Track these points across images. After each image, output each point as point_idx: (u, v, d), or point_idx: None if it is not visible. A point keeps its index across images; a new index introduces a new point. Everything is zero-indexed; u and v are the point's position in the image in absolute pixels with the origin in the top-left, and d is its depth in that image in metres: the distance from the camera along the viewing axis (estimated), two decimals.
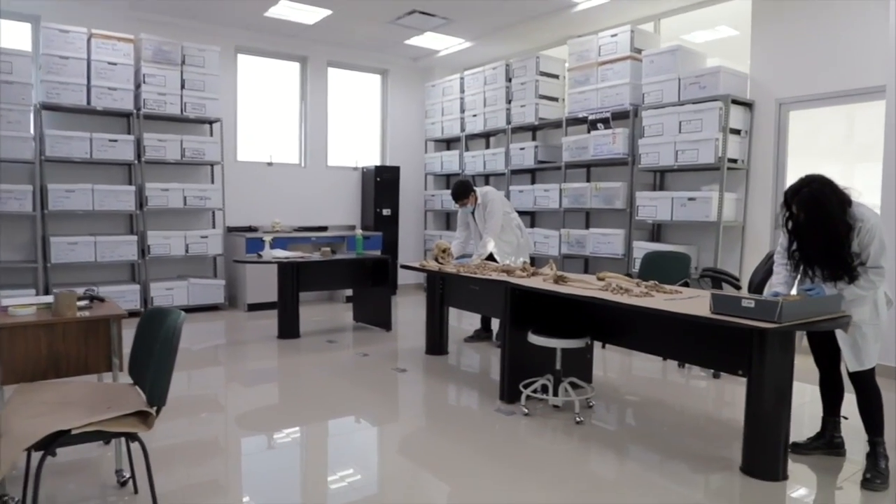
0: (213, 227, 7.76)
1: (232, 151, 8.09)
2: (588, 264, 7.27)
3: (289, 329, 6.07)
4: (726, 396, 4.63)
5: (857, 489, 3.03)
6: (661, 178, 6.72)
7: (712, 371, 5.08)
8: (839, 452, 3.41)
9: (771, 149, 5.93)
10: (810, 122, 5.86)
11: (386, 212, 8.94)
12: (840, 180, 3.08)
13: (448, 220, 9.61)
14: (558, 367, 4.00)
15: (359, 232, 7.07)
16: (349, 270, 6.56)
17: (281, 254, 6.11)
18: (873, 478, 3.03)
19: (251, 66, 8.34)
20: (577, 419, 3.81)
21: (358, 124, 9.35)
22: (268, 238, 6.24)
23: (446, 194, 8.82)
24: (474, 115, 8.53)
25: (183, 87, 7.20)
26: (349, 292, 7.71)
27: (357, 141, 9.33)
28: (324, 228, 8.46)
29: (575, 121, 7.21)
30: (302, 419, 3.94)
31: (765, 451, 3.09)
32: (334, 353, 5.57)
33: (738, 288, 5.02)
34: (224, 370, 5.19)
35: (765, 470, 3.08)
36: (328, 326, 6.76)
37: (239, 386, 4.76)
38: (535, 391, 4.04)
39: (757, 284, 4.74)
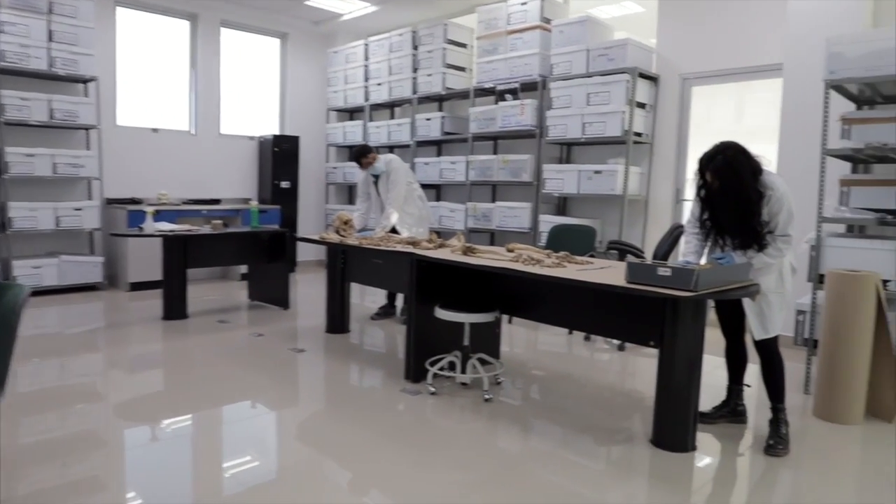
0: (90, 198, 7.00)
1: (111, 115, 7.32)
2: (494, 238, 7.15)
3: (175, 309, 5.54)
4: (630, 368, 4.62)
5: (760, 456, 3.02)
6: (567, 151, 6.66)
7: (617, 344, 5.07)
8: (742, 420, 3.42)
9: (674, 123, 5.98)
10: (711, 98, 5.94)
11: (285, 184, 8.44)
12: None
13: (351, 195, 9.22)
14: (466, 342, 3.80)
15: (254, 204, 6.58)
16: (243, 245, 6.09)
17: (165, 227, 5.55)
18: (776, 444, 3.04)
19: (134, 21, 7.55)
20: (486, 397, 3.63)
21: (254, 91, 8.74)
22: (150, 210, 5.65)
23: (349, 167, 8.44)
24: (379, 84, 8.16)
25: (50, 39, 6.38)
26: (244, 269, 7.21)
27: (253, 109, 8.73)
28: (216, 201, 7.86)
29: (483, 91, 7.02)
30: (191, 406, 3.54)
31: (675, 423, 3.03)
32: (226, 333, 5.13)
33: (640, 257, 5.01)
34: (103, 356, 4.64)
35: (674, 441, 3.02)
36: (220, 306, 6.27)
37: (120, 373, 4.25)
38: (442, 369, 3.83)
39: (661, 257, 4.75)
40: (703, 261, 3.24)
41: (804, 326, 4.07)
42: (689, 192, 6.01)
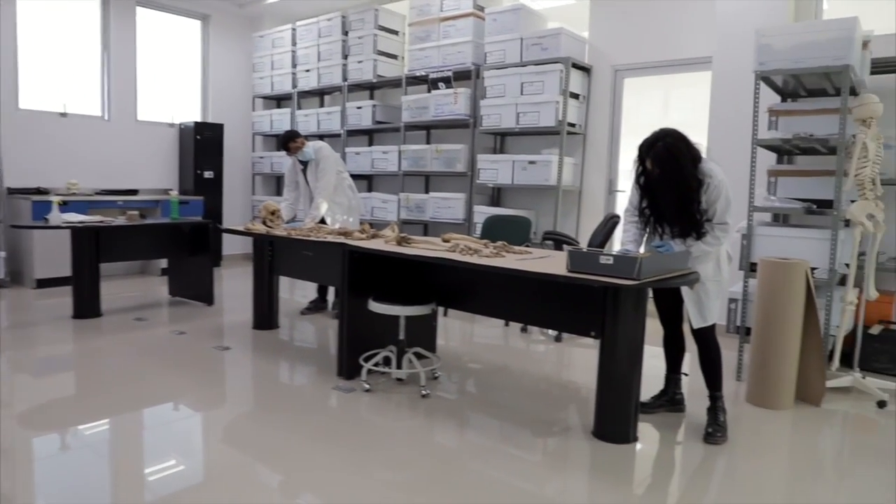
0: None
1: (12, 98, 6.71)
2: (427, 230, 7.00)
3: (87, 307, 5.12)
4: (567, 359, 4.57)
5: (699, 444, 3.00)
6: (501, 142, 6.58)
7: (554, 334, 5.03)
8: (680, 408, 3.40)
9: (607, 114, 5.98)
10: (642, 89, 5.97)
11: (208, 174, 8.01)
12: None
13: (279, 185, 8.83)
14: (402, 336, 3.64)
15: (173, 194, 6.17)
16: (162, 237, 5.70)
17: (74, 218, 5.11)
18: (714, 432, 3.02)
19: None
20: (423, 392, 3.48)
21: (174, 76, 8.24)
22: (56, 199, 5.19)
23: (277, 156, 8.10)
24: (307, 71, 7.84)
25: None
26: (165, 264, 6.78)
27: (174, 94, 8.23)
28: (133, 192, 7.35)
29: (415, 79, 6.83)
30: (107, 411, 3.22)
31: (617, 415, 2.96)
32: (144, 332, 4.77)
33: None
34: (5, 359, 4.20)
35: (616, 433, 2.95)
36: (138, 303, 5.85)
37: (26, 377, 3.84)
38: (376, 364, 3.65)
39: (597, 247, 4.73)
40: (641, 249, 3.19)
41: (736, 314, 4.11)
42: (623, 183, 6.04)
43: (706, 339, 3.14)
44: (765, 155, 4.49)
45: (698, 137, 5.27)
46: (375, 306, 3.52)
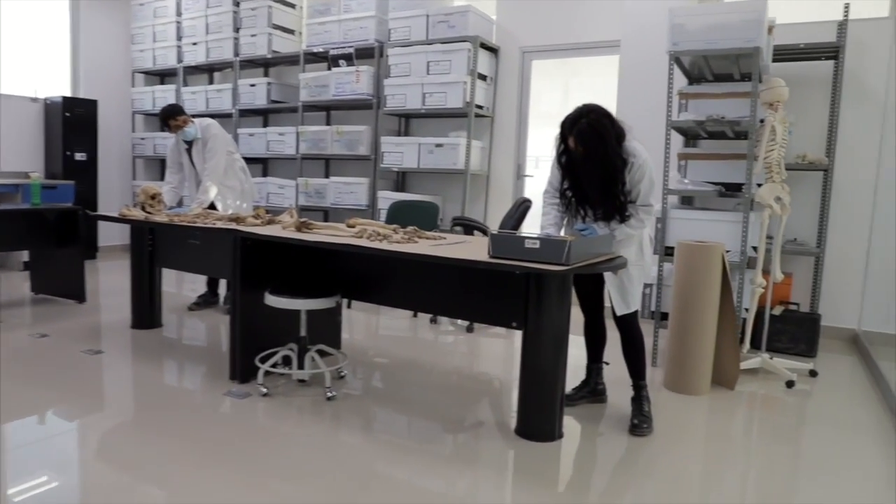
0: None
1: None
2: (328, 217, 6.58)
3: None
4: (481, 350, 4.33)
5: (623, 436, 2.83)
6: (406, 124, 6.25)
7: (465, 325, 4.78)
8: (602, 399, 3.24)
9: (515, 97, 5.79)
10: (551, 72, 5.82)
11: (80, 156, 7.13)
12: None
13: (164, 170, 8.06)
14: (303, 333, 3.24)
15: (35, 177, 5.38)
16: (21, 226, 4.93)
17: None
18: (640, 423, 2.86)
19: None
20: (328, 394, 3.11)
21: (39, 44, 7.25)
22: None
23: (162, 138, 7.35)
24: (194, 44, 7.14)
25: None
26: (27, 256, 5.93)
27: (38, 65, 7.25)
28: None
29: (314, 56, 6.35)
30: None
31: (542, 411, 2.73)
32: None
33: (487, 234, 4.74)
34: None
35: (542, 431, 2.73)
36: None
37: None
38: (275, 365, 3.23)
39: None
40: (562, 233, 2.98)
41: (651, 299, 4.02)
42: (531, 167, 5.88)
43: (629, 326, 2.97)
44: (672, 139, 4.44)
45: None
46: (273, 300, 3.10)
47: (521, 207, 4.62)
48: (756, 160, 3.59)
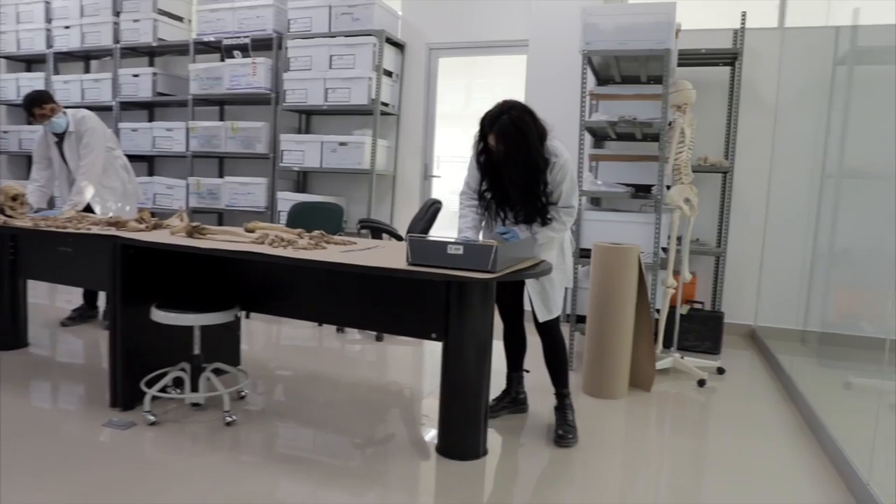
0: None
1: None
2: (223, 219, 6.10)
3: None
4: (390, 360, 4.09)
5: (547, 447, 2.70)
6: (307, 121, 5.89)
7: (374, 333, 4.52)
8: (523, 409, 3.09)
9: (421, 95, 5.59)
10: (458, 71, 5.67)
11: None
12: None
13: (31, 168, 7.20)
14: (197, 351, 2.87)
15: None
16: None
17: None
18: (566, 434, 2.73)
19: None
20: (227, 419, 2.76)
21: None
22: None
23: (29, 132, 6.54)
24: (67, 28, 6.40)
25: None
26: None
27: None
28: None
29: (205, 46, 5.85)
30: None
31: (466, 428, 2.53)
32: None
33: (401, 239, 4.51)
34: None
35: (465, 449, 2.53)
36: None
37: None
38: (165, 389, 2.84)
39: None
40: (480, 236, 2.81)
41: (567, 302, 3.94)
42: (437, 168, 5.71)
43: (552, 332, 2.84)
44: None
45: None
46: (160, 315, 2.71)
47: (431, 209, 4.42)
48: (667, 162, 3.58)
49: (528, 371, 3.12)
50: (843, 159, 3.81)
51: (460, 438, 2.54)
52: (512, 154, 2.53)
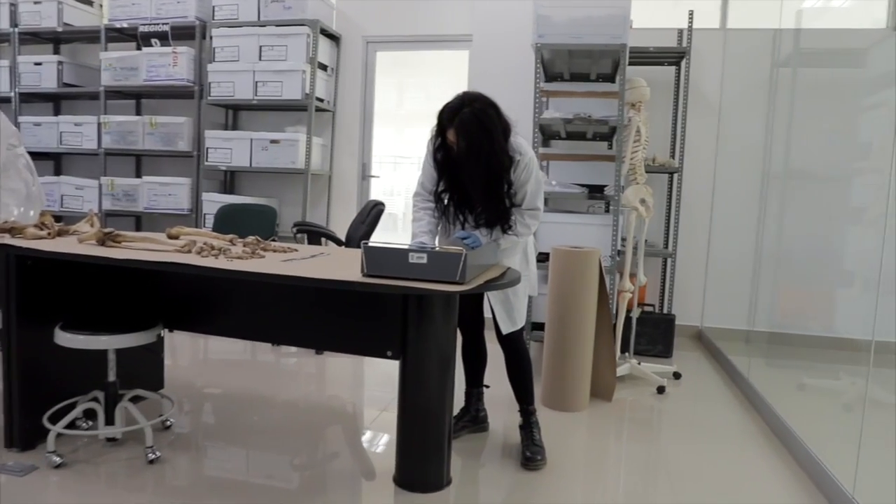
0: None
1: None
2: (141, 224, 5.56)
3: None
4: (331, 375, 3.76)
5: (511, 469, 2.46)
6: (234, 116, 5.44)
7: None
8: (484, 427, 2.84)
9: (358, 91, 5.25)
10: (394, 66, 5.37)
11: None
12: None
13: None
14: (112, 378, 2.46)
15: None
16: None
17: None
18: (534, 455, 2.49)
19: None
20: (151, 455, 2.37)
21: None
22: None
23: None
24: None
25: None
26: None
27: None
28: None
29: (119, 33, 5.30)
30: None
31: (427, 457, 2.25)
32: None
33: (341, 244, 4.18)
34: None
35: (428, 480, 2.25)
36: None
37: None
38: (73, 424, 2.42)
39: (359, 241, 4.00)
40: (436, 241, 2.54)
41: None
42: (376, 168, 5.40)
43: (516, 345, 2.61)
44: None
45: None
46: (66, 338, 2.29)
47: (374, 212, 4.10)
48: (623, 161, 3.43)
49: (488, 386, 2.88)
50: (786, 160, 3.78)
51: (422, 468, 2.26)
52: (474, 151, 2.28)
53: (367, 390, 3.50)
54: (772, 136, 4.29)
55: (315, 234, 4.26)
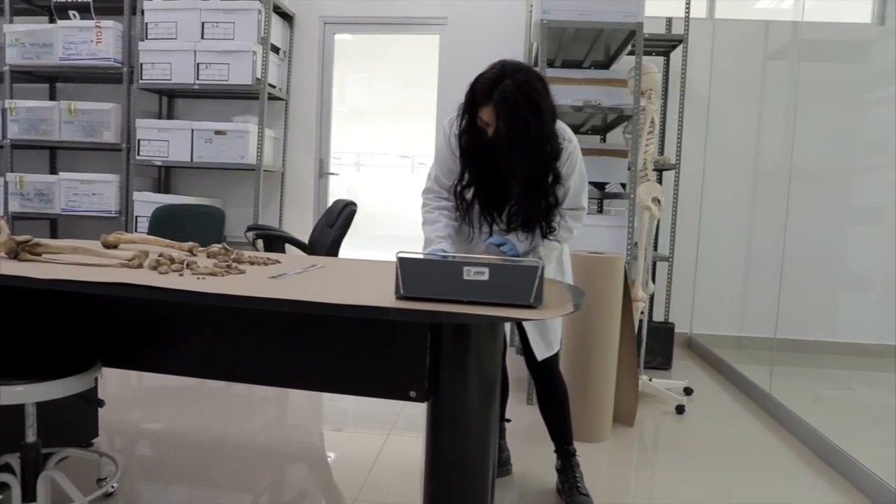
0: None
1: None
2: (57, 229, 4.73)
3: None
4: (297, 402, 3.15)
5: None
6: (169, 104, 4.69)
7: None
8: (507, 471, 2.33)
9: (314, 78, 4.62)
10: (359, 50, 4.78)
11: None
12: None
13: None
14: (32, 438, 1.79)
15: None
16: None
17: None
18: None
19: None
20: None
21: None
22: None
23: None
24: None
25: None
26: None
27: None
28: None
29: (27, 4, 4.45)
30: None
31: None
32: None
33: (304, 248, 3.57)
34: None
35: None
36: None
37: None
38: None
39: (330, 249, 3.42)
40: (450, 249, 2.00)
41: None
42: (335, 164, 4.79)
43: (552, 372, 2.12)
44: None
45: (425, 113, 4.38)
46: None
47: (344, 213, 3.51)
48: (637, 155, 3.00)
49: (509, 420, 2.38)
50: (788, 157, 3.49)
51: None
52: (519, 134, 1.76)
53: (328, 417, 2.92)
54: (762, 132, 4.01)
55: (275, 240, 3.62)
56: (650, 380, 3.22)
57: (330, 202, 4.69)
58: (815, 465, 2.52)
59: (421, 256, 1.49)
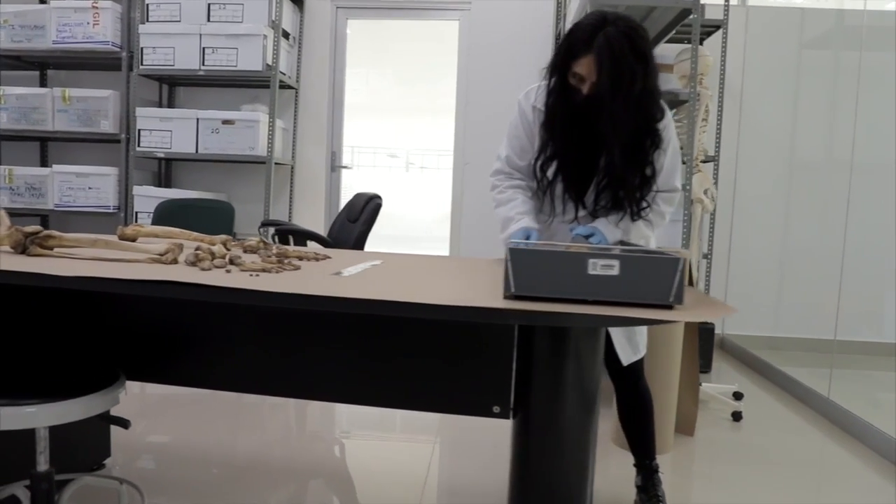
0: None
1: None
2: (48, 225, 4.36)
3: None
4: (315, 407, 2.86)
5: None
6: (171, 92, 4.36)
7: None
8: None
9: (326, 66, 4.33)
10: (374, 38, 4.48)
11: None
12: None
13: None
14: (44, 466, 1.48)
15: None
16: None
17: None
18: None
19: None
20: None
21: None
22: None
23: None
24: None
25: None
26: None
27: None
28: None
29: None
30: None
31: None
32: None
33: (328, 245, 3.27)
34: None
35: None
36: None
37: None
38: None
39: (354, 244, 3.14)
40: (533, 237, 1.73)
41: None
42: (347, 157, 4.50)
43: (636, 378, 1.87)
44: None
45: (446, 100, 4.11)
46: None
47: (369, 207, 3.23)
48: (693, 144, 2.76)
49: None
50: (829, 151, 3.28)
51: None
52: (624, 86, 1.49)
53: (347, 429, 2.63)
54: (798, 123, 3.80)
55: (292, 235, 3.32)
56: (699, 383, 2.98)
57: (342, 196, 4.41)
58: (889, 475, 2.29)
59: (538, 248, 1.21)
